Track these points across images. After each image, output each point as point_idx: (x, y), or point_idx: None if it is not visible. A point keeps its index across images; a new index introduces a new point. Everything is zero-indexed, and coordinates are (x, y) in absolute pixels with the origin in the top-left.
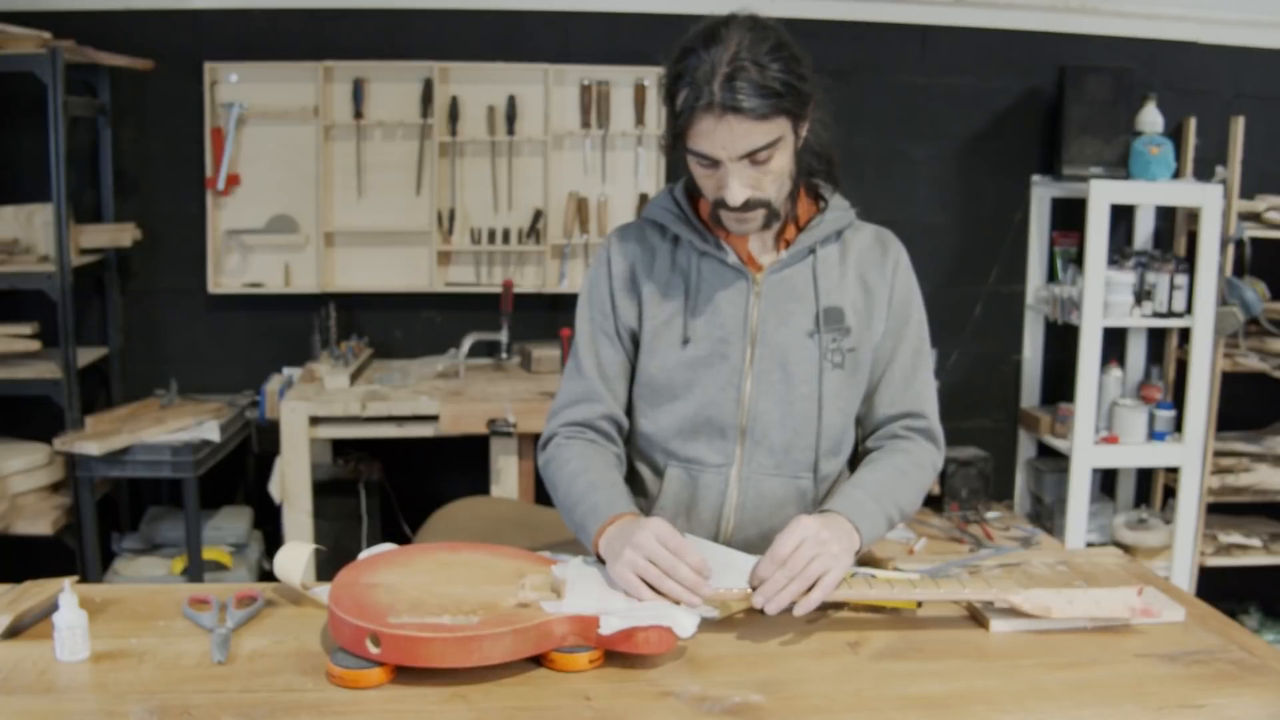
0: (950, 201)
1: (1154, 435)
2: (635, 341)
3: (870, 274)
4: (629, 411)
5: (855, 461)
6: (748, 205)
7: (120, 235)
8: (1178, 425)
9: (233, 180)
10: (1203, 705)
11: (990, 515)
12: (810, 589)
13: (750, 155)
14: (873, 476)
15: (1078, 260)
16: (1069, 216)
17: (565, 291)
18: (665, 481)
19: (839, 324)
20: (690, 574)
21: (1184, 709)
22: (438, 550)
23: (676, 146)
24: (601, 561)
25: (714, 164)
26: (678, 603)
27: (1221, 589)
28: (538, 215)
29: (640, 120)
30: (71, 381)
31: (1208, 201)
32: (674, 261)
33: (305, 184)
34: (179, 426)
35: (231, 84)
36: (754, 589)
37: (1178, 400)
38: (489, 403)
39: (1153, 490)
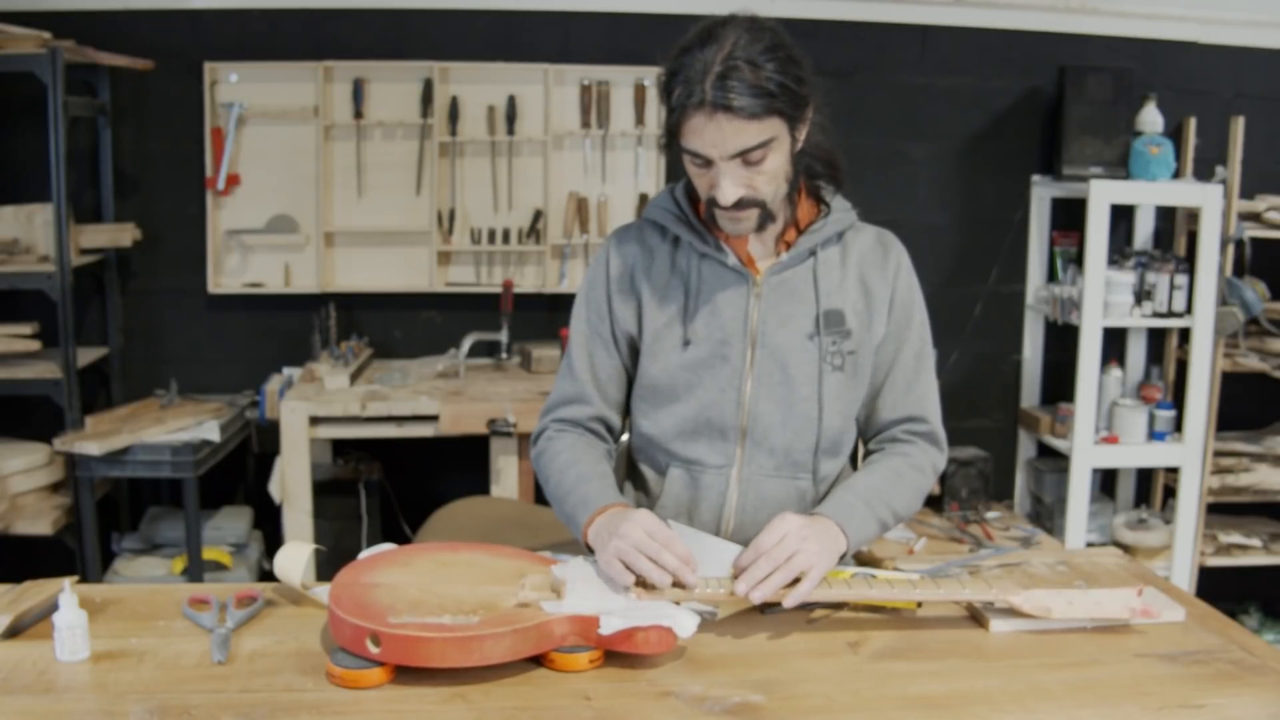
0: (950, 201)
1: (1154, 435)
2: (631, 346)
3: (871, 276)
4: (629, 412)
5: (857, 464)
6: (740, 205)
7: (120, 235)
8: (1178, 425)
9: (233, 180)
10: (1203, 705)
11: (990, 515)
12: (796, 582)
13: (742, 155)
14: (866, 480)
15: (1078, 260)
16: (1069, 216)
17: (565, 291)
18: (667, 482)
19: (839, 326)
20: (675, 561)
21: (1184, 709)
22: (438, 550)
23: (672, 144)
24: (591, 551)
25: (707, 163)
26: (666, 590)
27: (1221, 589)
28: (538, 215)
29: (640, 120)
30: (71, 381)
31: (1208, 201)
32: (674, 263)
33: (305, 184)
34: (179, 426)
35: (231, 84)
36: (735, 579)
37: (1178, 400)
38: (489, 403)
39: (1153, 490)
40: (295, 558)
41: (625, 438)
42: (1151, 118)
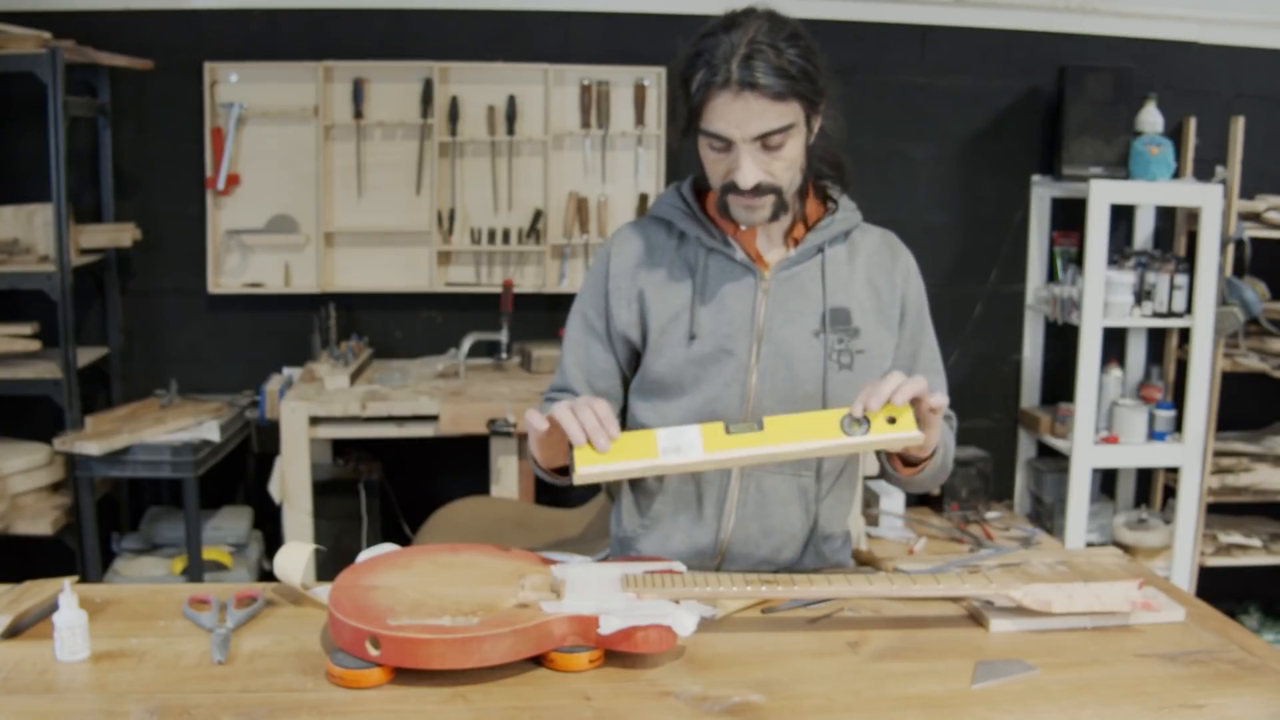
0: (950, 201)
1: (1154, 435)
2: (629, 347)
3: (879, 279)
4: (633, 407)
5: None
6: (758, 190)
7: (120, 235)
8: (1178, 425)
9: (233, 180)
10: (1203, 705)
11: (990, 515)
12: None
13: (763, 138)
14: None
15: (1078, 260)
16: (1069, 216)
17: (565, 291)
18: (668, 478)
19: (845, 325)
20: (594, 420)
21: (1184, 709)
22: (437, 552)
23: (689, 130)
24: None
25: (726, 146)
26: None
27: (1221, 589)
28: (538, 215)
29: (640, 120)
30: (71, 381)
31: (1208, 201)
32: (680, 258)
33: (305, 184)
34: (179, 426)
35: (231, 84)
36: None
37: (1178, 400)
38: (489, 403)
39: (1153, 490)
40: (295, 558)
41: None
42: (1151, 118)
